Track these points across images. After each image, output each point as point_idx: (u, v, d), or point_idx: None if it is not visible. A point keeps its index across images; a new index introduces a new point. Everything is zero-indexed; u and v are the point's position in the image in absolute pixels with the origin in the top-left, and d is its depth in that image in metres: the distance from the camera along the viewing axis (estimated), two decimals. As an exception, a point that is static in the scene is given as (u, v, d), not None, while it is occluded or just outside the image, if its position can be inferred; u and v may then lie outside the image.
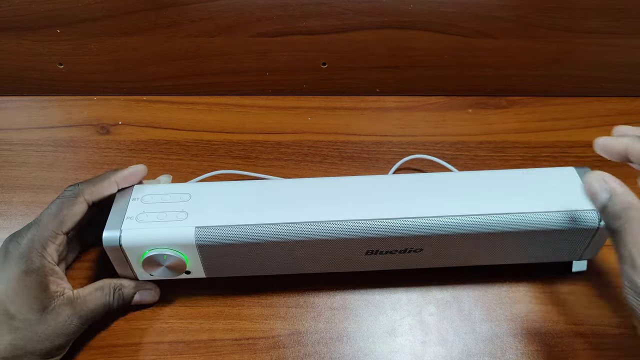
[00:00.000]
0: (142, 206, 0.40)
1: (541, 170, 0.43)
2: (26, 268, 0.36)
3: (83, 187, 0.39)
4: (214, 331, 0.42)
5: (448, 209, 0.39)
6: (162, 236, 0.38)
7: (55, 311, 0.37)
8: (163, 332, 0.42)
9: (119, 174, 0.40)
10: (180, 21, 0.54)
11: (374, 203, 0.40)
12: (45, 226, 0.38)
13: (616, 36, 0.54)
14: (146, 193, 0.41)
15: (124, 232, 0.38)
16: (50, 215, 0.38)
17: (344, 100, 0.58)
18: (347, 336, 0.42)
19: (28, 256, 0.37)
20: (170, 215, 0.39)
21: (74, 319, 0.38)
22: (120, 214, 0.39)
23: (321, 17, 0.53)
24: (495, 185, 0.41)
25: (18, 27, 0.54)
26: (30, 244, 0.37)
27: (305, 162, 0.53)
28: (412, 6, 0.52)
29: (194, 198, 0.40)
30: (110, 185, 0.40)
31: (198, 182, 0.43)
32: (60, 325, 0.37)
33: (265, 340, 0.42)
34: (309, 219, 0.38)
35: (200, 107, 0.58)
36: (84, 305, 0.38)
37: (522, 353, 0.41)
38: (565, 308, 0.43)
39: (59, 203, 0.39)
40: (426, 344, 0.42)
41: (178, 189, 0.41)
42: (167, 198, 0.40)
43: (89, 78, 0.58)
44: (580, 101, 0.58)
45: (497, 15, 0.53)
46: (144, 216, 0.39)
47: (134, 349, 0.41)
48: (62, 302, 0.37)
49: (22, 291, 0.36)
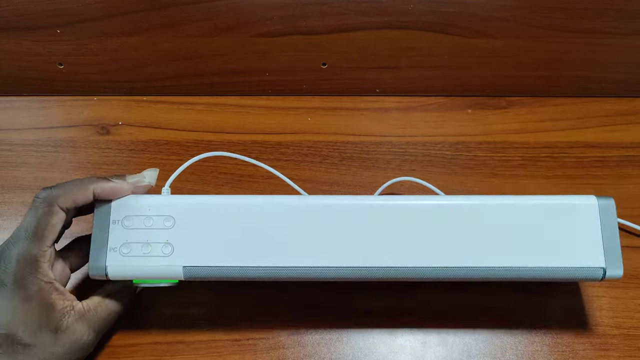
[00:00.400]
0: (123, 233, 0.38)
1: (559, 202, 0.39)
2: (25, 295, 0.35)
3: (57, 193, 0.36)
4: (214, 331, 0.42)
5: (449, 260, 0.37)
6: (148, 273, 0.38)
7: (70, 329, 0.36)
8: (163, 333, 0.42)
9: (98, 185, 0.38)
10: (180, 21, 0.54)
11: (371, 244, 0.38)
12: (27, 245, 0.35)
13: (616, 36, 0.54)
14: (126, 214, 0.38)
15: (109, 268, 0.37)
16: (29, 231, 0.36)
17: (344, 100, 0.58)
18: (347, 336, 0.42)
19: (22, 282, 0.35)
20: (155, 248, 0.38)
21: (90, 333, 0.37)
22: (102, 242, 0.38)
23: (321, 17, 0.53)
24: (503, 227, 0.38)
25: (18, 27, 0.54)
26: (19, 266, 0.35)
27: (305, 163, 0.53)
28: (412, 6, 0.52)
29: (178, 224, 0.38)
30: (87, 194, 0.37)
31: (181, 197, 0.39)
32: (76, 342, 0.36)
33: (265, 340, 0.42)
34: (299, 264, 0.37)
35: (200, 107, 0.58)
36: (97, 317, 0.38)
37: (522, 353, 0.41)
38: (565, 308, 0.43)
39: (35, 215, 0.36)
40: (426, 344, 0.42)
41: (159, 208, 0.38)
42: (150, 223, 0.38)
43: (89, 78, 0.58)
44: (580, 101, 0.58)
45: (496, 15, 0.53)
46: (126, 248, 0.38)
47: (134, 349, 0.41)
48: (74, 318, 0.36)
49: (29, 318, 0.35)
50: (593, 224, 0.38)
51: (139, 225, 0.38)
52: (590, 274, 0.38)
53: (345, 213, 0.38)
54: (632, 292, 0.45)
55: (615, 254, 0.38)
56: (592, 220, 0.38)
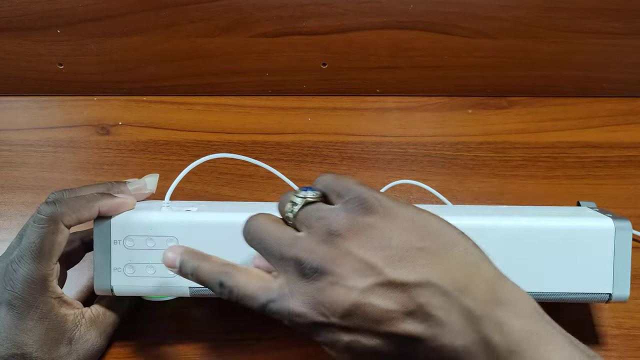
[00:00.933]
0: (126, 253, 0.37)
1: (575, 225, 0.37)
2: (37, 315, 0.35)
3: (62, 210, 0.35)
4: (214, 331, 0.42)
5: None
6: (155, 292, 0.38)
7: (83, 338, 0.36)
8: (162, 333, 0.42)
9: (104, 203, 0.37)
10: (180, 21, 0.54)
11: None
12: (35, 266, 0.34)
13: (616, 36, 0.54)
14: (127, 234, 0.37)
15: (115, 287, 0.38)
16: (34, 251, 0.34)
17: (344, 100, 0.58)
18: (347, 337, 0.42)
19: (34, 304, 0.35)
20: (159, 269, 0.37)
21: (101, 339, 0.38)
22: (105, 262, 0.37)
23: (321, 17, 0.53)
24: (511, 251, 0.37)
25: (18, 27, 0.54)
26: (29, 289, 0.34)
27: (306, 163, 0.53)
28: (412, 6, 0.52)
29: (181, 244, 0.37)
30: (92, 213, 0.36)
31: (182, 215, 0.38)
32: (90, 350, 0.37)
33: (265, 340, 0.42)
34: None
35: (200, 107, 0.58)
36: (106, 321, 0.38)
37: (522, 354, 0.41)
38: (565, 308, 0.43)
39: (39, 234, 0.35)
40: (426, 344, 0.41)
41: (161, 227, 0.37)
42: (152, 244, 0.37)
43: (89, 78, 0.58)
44: (581, 101, 0.58)
45: (497, 15, 0.53)
46: (130, 269, 0.37)
47: (134, 349, 0.41)
48: (85, 327, 0.37)
49: (44, 336, 0.35)
50: (606, 248, 0.37)
51: (141, 245, 0.37)
52: (596, 298, 0.38)
53: None
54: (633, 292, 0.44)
55: (624, 278, 0.37)
56: (606, 244, 0.37)
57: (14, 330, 0.34)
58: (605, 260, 0.37)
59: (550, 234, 0.37)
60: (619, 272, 0.37)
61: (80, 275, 0.45)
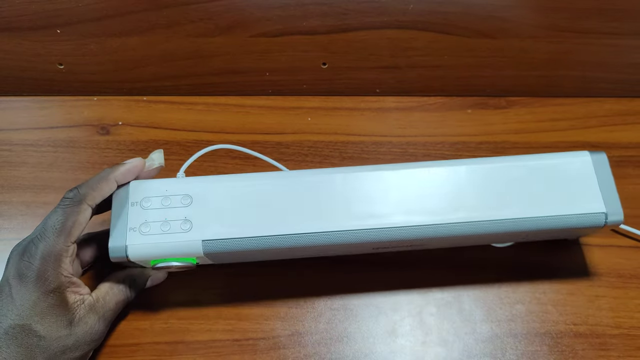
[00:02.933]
0: (142, 213, 0.39)
1: (553, 158, 0.41)
2: (45, 289, 0.36)
3: (84, 191, 0.38)
4: (214, 332, 0.42)
5: (460, 214, 0.38)
6: (168, 250, 0.38)
7: (82, 321, 0.37)
8: (162, 333, 0.42)
9: (117, 172, 0.39)
10: (180, 21, 0.54)
11: (384, 205, 0.39)
12: (54, 240, 0.36)
13: (615, 36, 0.54)
14: (144, 195, 0.39)
15: (130, 247, 0.38)
16: (57, 228, 0.37)
17: (344, 100, 0.58)
18: (347, 337, 0.42)
19: (44, 276, 0.36)
20: (173, 225, 0.38)
21: (100, 323, 0.38)
22: (122, 223, 0.38)
23: (321, 17, 0.53)
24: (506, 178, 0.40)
25: (18, 27, 0.54)
26: (43, 262, 0.36)
27: (306, 163, 0.53)
28: (412, 6, 0.52)
29: (195, 201, 0.39)
30: (111, 185, 0.39)
31: (196, 179, 0.41)
32: (88, 333, 0.37)
33: (265, 340, 0.42)
34: (317, 229, 0.38)
35: (200, 107, 0.58)
36: (106, 307, 0.39)
37: (522, 353, 0.41)
38: (565, 308, 0.43)
39: (63, 213, 0.37)
40: (426, 344, 0.42)
41: (177, 188, 0.40)
42: (167, 202, 0.39)
43: (89, 78, 0.58)
44: (579, 101, 0.58)
45: (496, 15, 0.53)
46: (146, 227, 0.38)
47: (133, 349, 0.42)
48: (85, 310, 0.37)
49: (46, 312, 0.36)
50: (590, 177, 0.40)
51: (157, 205, 0.39)
52: (593, 220, 0.39)
53: (354, 180, 0.40)
54: (632, 292, 0.45)
55: (614, 202, 0.40)
56: (588, 173, 0.40)
57: (19, 301, 0.35)
58: (591, 187, 0.40)
59: (534, 168, 0.40)
60: (608, 196, 0.40)
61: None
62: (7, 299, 0.36)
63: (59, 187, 0.51)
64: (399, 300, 0.44)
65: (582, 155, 0.41)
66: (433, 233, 0.38)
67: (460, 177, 0.40)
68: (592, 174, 0.40)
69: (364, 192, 0.39)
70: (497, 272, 0.45)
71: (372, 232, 0.38)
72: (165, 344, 0.42)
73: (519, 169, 0.40)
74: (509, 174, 0.40)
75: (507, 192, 0.39)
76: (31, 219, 0.49)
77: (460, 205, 0.39)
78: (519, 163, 0.41)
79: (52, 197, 0.50)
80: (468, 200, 0.39)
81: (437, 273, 0.45)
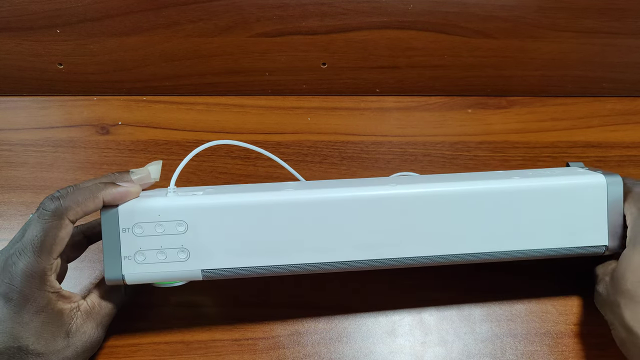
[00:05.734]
0: (135, 241, 0.37)
1: (568, 182, 0.39)
2: (34, 310, 0.35)
3: (67, 205, 0.35)
4: (214, 331, 0.42)
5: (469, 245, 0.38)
6: (167, 278, 0.38)
7: (80, 331, 0.36)
8: (162, 333, 0.42)
9: (107, 193, 0.36)
10: (180, 21, 0.54)
11: (389, 235, 0.38)
12: (34, 260, 0.34)
13: (616, 36, 0.54)
14: (135, 221, 0.37)
15: (127, 276, 0.37)
16: (36, 245, 0.34)
17: (344, 100, 0.58)
18: (347, 336, 0.42)
19: (31, 297, 0.34)
20: (170, 254, 0.37)
21: (98, 330, 0.38)
22: (115, 251, 0.37)
23: (321, 17, 0.53)
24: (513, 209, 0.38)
25: (18, 27, 0.54)
26: (26, 283, 0.34)
27: (305, 162, 0.53)
28: (412, 6, 0.52)
29: (190, 229, 0.37)
30: (97, 203, 0.36)
31: (189, 198, 0.38)
32: (87, 341, 0.37)
33: (265, 340, 0.42)
34: (317, 260, 0.37)
35: (200, 107, 0.58)
36: (102, 312, 0.38)
37: (522, 353, 0.41)
38: (565, 308, 0.43)
39: (42, 228, 0.34)
40: (426, 344, 0.42)
41: (170, 212, 0.37)
42: (161, 229, 0.37)
43: (89, 78, 0.58)
44: (580, 101, 0.58)
45: (496, 15, 0.53)
46: (141, 256, 0.37)
47: (133, 349, 0.41)
48: (81, 319, 0.37)
49: (40, 330, 0.35)
50: (600, 203, 0.39)
51: (150, 232, 0.37)
52: (593, 251, 0.39)
53: (357, 206, 0.38)
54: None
55: (619, 230, 0.39)
56: (599, 198, 0.39)
57: (9, 323, 0.34)
58: (599, 214, 0.39)
59: (544, 193, 0.38)
60: (613, 225, 0.39)
61: (82, 267, 0.45)
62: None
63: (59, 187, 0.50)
64: (398, 300, 0.44)
65: (596, 176, 0.39)
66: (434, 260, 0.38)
67: (467, 203, 0.38)
68: (604, 200, 0.39)
69: (368, 218, 0.38)
70: (497, 272, 0.45)
71: (376, 262, 0.38)
72: (165, 344, 0.42)
73: (525, 193, 0.38)
74: (511, 198, 0.38)
75: (506, 220, 0.38)
76: (31, 219, 0.49)
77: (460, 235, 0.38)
78: (527, 184, 0.38)
79: (52, 197, 0.50)
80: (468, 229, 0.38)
81: (437, 273, 0.44)
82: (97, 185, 0.36)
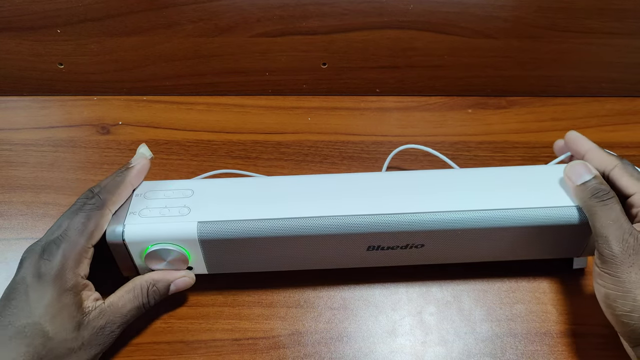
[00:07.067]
0: (144, 202, 0.40)
1: (542, 166, 0.43)
2: (61, 288, 0.36)
3: (105, 197, 0.39)
4: (214, 331, 0.42)
5: (450, 205, 0.39)
6: (164, 231, 0.39)
7: (90, 325, 0.37)
8: (162, 332, 0.42)
9: (131, 176, 0.41)
10: (180, 21, 0.54)
11: (376, 198, 0.40)
12: (76, 241, 0.37)
13: (616, 36, 0.54)
14: (149, 189, 0.41)
15: (127, 227, 0.38)
16: (79, 230, 0.37)
17: (344, 100, 0.58)
18: (347, 336, 0.42)
19: (63, 276, 0.36)
20: (172, 210, 0.40)
21: (108, 327, 0.38)
22: (123, 209, 0.40)
23: (321, 17, 0.53)
24: (496, 182, 0.42)
25: (18, 27, 0.54)
26: (63, 262, 0.36)
27: (306, 162, 0.53)
28: (412, 6, 0.53)
29: (196, 194, 0.41)
30: (128, 190, 0.41)
31: (200, 179, 0.43)
32: (95, 336, 0.37)
33: (265, 340, 0.42)
34: (311, 214, 0.39)
35: (200, 107, 0.58)
36: (117, 312, 0.38)
37: (522, 353, 0.41)
38: (565, 308, 0.43)
39: (86, 216, 0.38)
40: (426, 344, 0.42)
41: (181, 185, 0.42)
42: (170, 194, 0.41)
43: (89, 78, 0.58)
44: (580, 101, 0.58)
45: (496, 15, 0.53)
46: (146, 211, 0.39)
47: (133, 349, 0.41)
48: (95, 314, 0.37)
49: (59, 312, 0.36)
50: None
51: (160, 196, 0.41)
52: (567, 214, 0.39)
53: (362, 180, 0.43)
54: (633, 292, 0.44)
55: None
56: None
57: (34, 300, 0.35)
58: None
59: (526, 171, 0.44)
60: None
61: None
62: (23, 297, 0.35)
63: (59, 187, 0.51)
64: (399, 300, 0.44)
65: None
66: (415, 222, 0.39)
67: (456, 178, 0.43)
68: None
69: (360, 187, 0.41)
70: (497, 271, 0.45)
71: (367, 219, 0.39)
72: (165, 344, 0.42)
73: (511, 172, 0.43)
74: (502, 175, 0.42)
75: (502, 189, 0.41)
76: (31, 219, 0.49)
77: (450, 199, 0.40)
78: (509, 171, 0.43)
79: (52, 197, 0.50)
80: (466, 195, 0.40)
81: (437, 273, 0.45)
82: (120, 173, 0.41)
